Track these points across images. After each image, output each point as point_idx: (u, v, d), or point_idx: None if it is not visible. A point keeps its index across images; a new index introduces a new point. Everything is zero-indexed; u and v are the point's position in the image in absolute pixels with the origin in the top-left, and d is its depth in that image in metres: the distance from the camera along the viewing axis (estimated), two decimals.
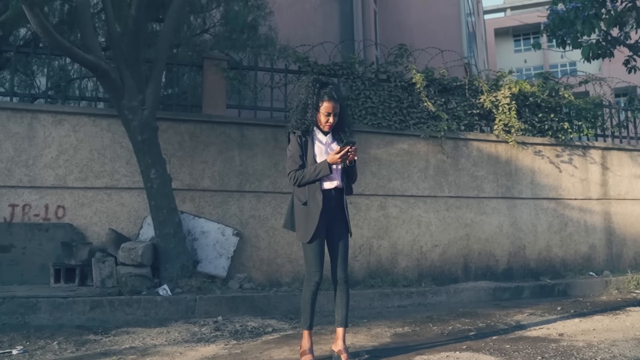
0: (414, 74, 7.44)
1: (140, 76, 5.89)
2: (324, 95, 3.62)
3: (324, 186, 3.59)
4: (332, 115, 3.61)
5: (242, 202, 6.67)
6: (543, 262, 7.94)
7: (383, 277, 7.00)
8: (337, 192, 3.64)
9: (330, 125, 3.63)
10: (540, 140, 8.14)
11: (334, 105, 3.62)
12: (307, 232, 3.56)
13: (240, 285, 6.29)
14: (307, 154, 3.61)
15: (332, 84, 3.71)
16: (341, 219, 3.68)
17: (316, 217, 3.53)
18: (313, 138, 3.66)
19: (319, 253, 3.60)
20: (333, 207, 3.62)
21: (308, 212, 3.58)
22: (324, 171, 3.50)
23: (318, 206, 3.53)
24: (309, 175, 3.53)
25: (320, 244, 3.60)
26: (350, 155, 3.47)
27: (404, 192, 7.32)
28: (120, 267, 5.68)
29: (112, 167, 6.33)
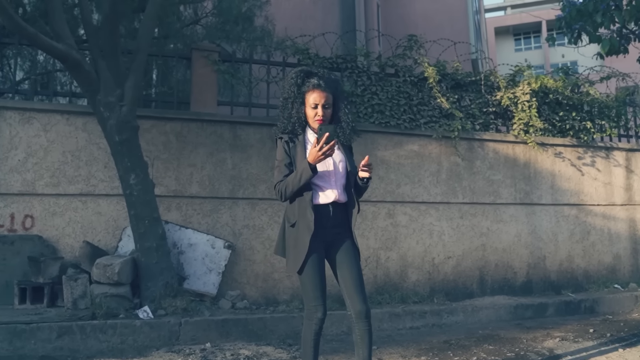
0: (425, 67, 6.74)
1: (119, 68, 5.19)
2: (308, 85, 2.97)
3: (318, 201, 2.92)
4: (320, 107, 2.94)
5: (235, 210, 5.96)
6: (564, 274, 7.26)
7: (392, 292, 6.31)
8: (337, 208, 2.95)
9: (320, 120, 2.94)
10: (561, 141, 7.46)
11: (322, 95, 2.95)
12: (295, 261, 2.90)
13: (233, 304, 5.58)
14: (297, 161, 2.94)
15: (320, 73, 3.06)
16: (347, 239, 3.01)
17: (306, 243, 2.86)
18: (304, 141, 2.99)
19: (318, 283, 2.90)
20: (333, 226, 2.94)
21: (297, 236, 2.91)
22: (305, 173, 2.82)
23: (309, 228, 2.86)
24: (291, 183, 2.86)
25: (317, 272, 2.90)
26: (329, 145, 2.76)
27: (414, 198, 6.63)
28: (95, 286, 4.97)
29: (88, 171, 5.62)
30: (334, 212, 2.94)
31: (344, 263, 2.97)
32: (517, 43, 40.31)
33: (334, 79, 3.12)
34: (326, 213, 2.92)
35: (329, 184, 2.94)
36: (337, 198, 2.93)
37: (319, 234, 2.88)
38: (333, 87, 3.01)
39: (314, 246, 2.87)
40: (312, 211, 2.86)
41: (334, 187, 2.93)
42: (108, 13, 4.92)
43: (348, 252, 2.99)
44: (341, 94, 3.10)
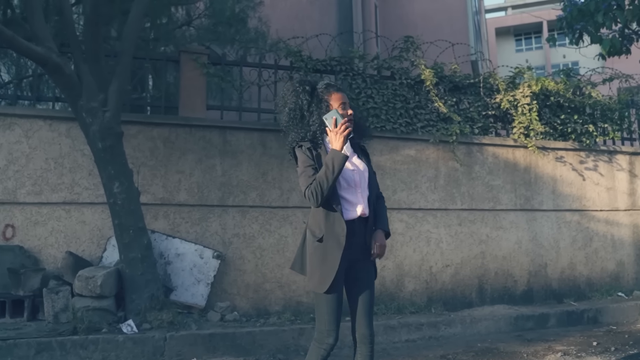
0: (422, 69, 6.53)
1: (102, 72, 4.99)
2: (328, 88, 2.81)
3: (348, 215, 2.70)
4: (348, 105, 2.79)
5: (225, 219, 5.75)
6: (566, 282, 7.04)
7: (387, 302, 6.11)
8: (361, 224, 2.74)
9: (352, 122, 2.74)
10: (563, 144, 7.24)
11: (343, 94, 2.82)
12: (324, 279, 2.64)
13: (222, 316, 5.38)
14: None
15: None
16: (366, 258, 2.79)
17: (336, 260, 2.63)
18: (326, 148, 2.77)
19: (336, 307, 2.68)
20: (357, 243, 2.72)
21: (325, 252, 2.67)
22: (337, 159, 2.59)
23: (339, 244, 2.64)
24: (325, 177, 2.60)
25: (338, 295, 2.69)
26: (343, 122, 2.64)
27: (410, 204, 6.42)
28: (77, 299, 4.78)
29: (72, 178, 5.42)
30: (359, 228, 2.73)
31: (361, 283, 2.78)
32: (518, 44, 40.06)
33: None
34: (353, 229, 2.69)
35: (354, 197, 2.73)
36: (363, 212, 2.73)
37: (345, 252, 2.66)
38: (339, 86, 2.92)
39: (341, 268, 2.66)
40: (343, 224, 2.65)
41: (359, 200, 2.73)
42: (89, 15, 4.73)
43: (367, 272, 2.80)
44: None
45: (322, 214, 2.71)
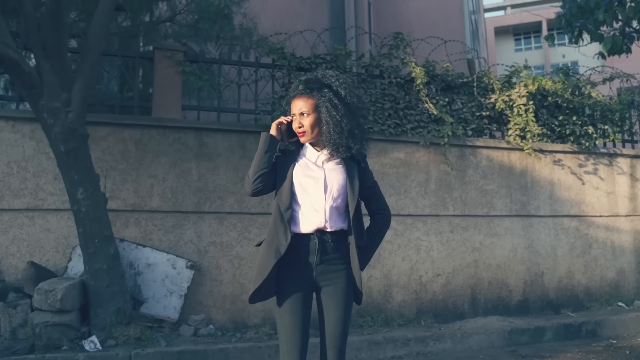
0: (412, 67, 6.19)
1: (65, 70, 4.65)
2: (293, 91, 2.50)
3: (298, 228, 2.38)
4: (297, 115, 2.45)
5: (200, 226, 5.42)
6: (564, 292, 6.70)
7: (374, 314, 5.77)
8: (326, 239, 2.39)
9: (302, 133, 2.44)
10: (561, 147, 6.90)
11: (297, 101, 2.46)
12: (253, 285, 2.38)
13: (196, 330, 5.04)
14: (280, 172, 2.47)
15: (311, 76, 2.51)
16: (343, 280, 2.43)
17: (268, 266, 2.33)
18: (297, 157, 2.50)
19: (296, 335, 2.35)
20: (322, 262, 2.39)
21: (262, 259, 2.39)
22: (261, 138, 2.43)
23: (277, 251, 2.34)
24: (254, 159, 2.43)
25: (296, 320, 2.36)
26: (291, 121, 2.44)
27: (399, 210, 6.08)
28: (35, 314, 4.44)
29: (36, 183, 5.08)
30: (321, 244, 2.38)
31: (330, 311, 2.42)
32: (517, 43, 39.72)
33: (324, 74, 2.48)
34: (308, 243, 2.38)
35: (311, 207, 2.39)
36: (323, 225, 2.38)
37: (299, 270, 2.37)
38: (317, 86, 2.43)
39: (296, 285, 2.37)
40: (288, 235, 2.35)
41: (319, 211, 2.39)
42: (50, 6, 4.38)
43: (338, 297, 2.42)
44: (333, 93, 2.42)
45: (272, 220, 2.44)
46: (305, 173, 2.45)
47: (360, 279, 2.44)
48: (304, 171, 2.45)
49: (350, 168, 2.49)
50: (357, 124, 2.49)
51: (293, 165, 2.46)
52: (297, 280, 2.38)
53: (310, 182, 2.42)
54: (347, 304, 2.44)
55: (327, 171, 2.46)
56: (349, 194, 2.44)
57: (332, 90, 2.43)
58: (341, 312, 2.43)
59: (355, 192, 2.45)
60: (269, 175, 2.42)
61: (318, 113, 2.42)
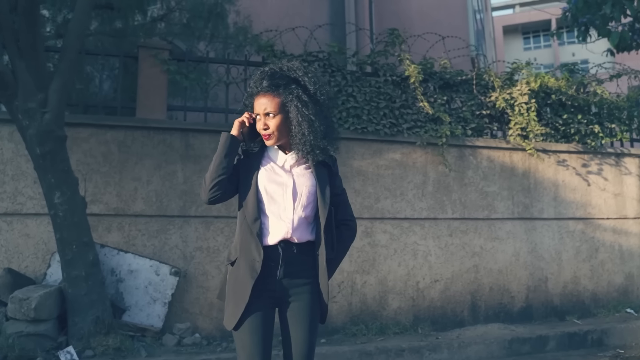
0: (406, 65, 5.95)
1: (41, 69, 4.47)
2: (255, 87, 2.23)
3: (266, 241, 2.16)
4: (262, 116, 2.19)
5: (186, 230, 5.22)
6: (569, 298, 6.43)
7: (369, 322, 5.53)
8: (291, 250, 2.18)
9: (268, 135, 2.20)
10: (565, 147, 6.62)
11: (261, 100, 2.19)
12: (232, 314, 2.14)
13: (180, 339, 4.84)
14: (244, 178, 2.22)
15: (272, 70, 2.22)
16: (307, 295, 2.21)
17: (246, 291, 2.11)
18: (261, 160, 2.26)
19: (254, 348, 2.13)
20: (287, 274, 2.18)
21: (236, 280, 2.16)
22: (222, 141, 2.19)
23: (253, 270, 2.12)
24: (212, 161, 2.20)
25: (257, 338, 2.14)
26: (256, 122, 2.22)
27: (395, 214, 5.84)
28: (9, 324, 4.26)
29: (15, 187, 4.90)
30: (285, 255, 2.16)
31: (295, 327, 2.19)
32: (526, 42, 39.26)
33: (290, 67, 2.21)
34: (274, 256, 2.15)
35: (277, 216, 2.18)
36: (289, 235, 2.16)
37: (264, 284, 2.14)
38: (283, 81, 2.17)
39: (258, 300, 2.13)
40: (260, 249, 2.13)
41: (286, 220, 2.17)
42: (23, 2, 4.20)
43: (303, 314, 2.20)
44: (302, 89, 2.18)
45: (240, 233, 2.20)
46: (272, 178, 2.22)
47: (327, 294, 2.22)
48: (270, 176, 2.22)
49: (321, 173, 2.26)
50: (328, 123, 2.26)
51: (258, 169, 2.23)
52: (258, 296, 2.15)
53: (278, 189, 2.20)
54: (312, 322, 2.22)
55: (296, 177, 2.23)
56: (320, 201, 2.21)
57: (301, 86, 2.19)
58: (306, 330, 2.20)
59: (326, 199, 2.22)
60: (229, 181, 2.19)
61: (286, 113, 2.18)
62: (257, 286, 2.12)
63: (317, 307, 2.23)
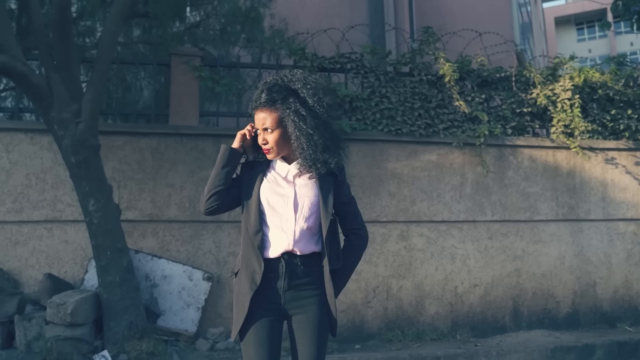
0: (441, 64, 5.79)
1: (75, 80, 4.58)
2: (256, 102, 2.22)
3: (268, 253, 2.14)
4: (260, 131, 2.18)
5: (219, 236, 5.25)
6: (620, 303, 6.09)
7: (405, 328, 5.41)
8: (295, 263, 2.14)
9: (267, 150, 2.18)
10: (614, 144, 6.28)
11: (259, 115, 2.18)
12: (235, 324, 2.14)
13: (213, 344, 4.87)
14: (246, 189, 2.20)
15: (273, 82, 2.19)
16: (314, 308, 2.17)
17: (245, 303, 2.09)
18: (265, 171, 2.24)
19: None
20: (290, 287, 2.14)
21: (239, 292, 2.16)
22: (221, 153, 2.21)
23: (252, 281, 2.10)
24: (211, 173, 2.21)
25: (261, 347, 2.10)
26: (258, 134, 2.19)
27: (432, 217, 5.69)
28: (48, 328, 4.39)
29: (54, 194, 5.06)
30: (288, 268, 2.13)
31: (303, 340, 2.15)
32: (580, 33, 37.71)
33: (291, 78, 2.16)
34: (275, 268, 2.13)
35: (279, 228, 2.15)
36: (290, 248, 2.13)
37: (266, 297, 2.12)
38: (281, 96, 2.14)
39: (262, 313, 2.11)
40: (260, 260, 2.11)
41: (287, 232, 2.14)
42: (56, 17, 4.31)
43: (310, 326, 2.15)
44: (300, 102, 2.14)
45: (243, 244, 2.20)
46: (274, 190, 2.19)
47: (334, 306, 2.16)
48: (272, 187, 2.20)
49: (325, 183, 2.21)
50: (330, 134, 2.20)
51: (260, 180, 2.21)
52: (264, 308, 2.12)
53: (279, 201, 2.17)
54: (320, 334, 2.17)
55: (298, 187, 2.20)
56: (322, 212, 2.17)
57: (299, 99, 2.15)
58: (314, 343, 2.15)
59: (328, 209, 2.17)
60: (228, 192, 2.18)
61: (284, 128, 2.15)
62: (259, 298, 2.10)
63: (325, 319, 2.18)
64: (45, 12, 4.56)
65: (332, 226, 2.18)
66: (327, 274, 2.16)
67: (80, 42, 6.38)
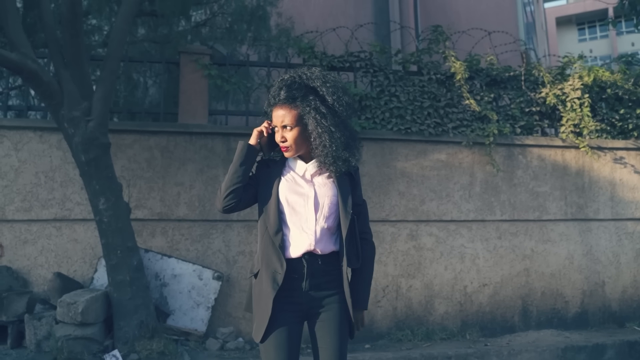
0: (452, 62, 5.77)
1: (85, 78, 4.55)
2: (274, 99, 2.19)
3: (289, 253, 2.12)
4: (279, 129, 2.16)
5: (229, 235, 5.23)
6: (629, 303, 6.08)
7: (414, 327, 5.40)
8: (316, 262, 2.13)
9: (286, 148, 2.16)
10: (623, 143, 6.27)
11: (278, 112, 2.15)
12: (258, 326, 2.11)
13: (223, 344, 4.85)
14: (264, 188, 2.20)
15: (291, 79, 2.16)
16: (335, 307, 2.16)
17: (268, 304, 2.07)
18: (282, 170, 2.23)
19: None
20: (312, 287, 2.13)
21: (260, 293, 2.14)
22: (238, 147, 2.19)
23: (274, 282, 2.08)
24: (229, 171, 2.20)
25: (281, 349, 2.09)
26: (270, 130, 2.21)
27: (441, 216, 5.68)
28: (58, 327, 4.36)
29: (63, 193, 5.03)
30: (310, 268, 2.12)
31: (325, 339, 2.15)
32: (581, 33, 37.71)
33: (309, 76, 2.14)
34: (298, 268, 2.12)
35: (299, 227, 2.14)
36: (312, 247, 2.12)
37: (288, 297, 2.10)
38: (300, 93, 2.12)
39: (284, 314, 2.10)
40: (283, 261, 2.09)
41: (308, 232, 2.13)
42: (66, 15, 4.28)
43: (332, 324, 2.15)
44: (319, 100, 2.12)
45: (262, 244, 2.18)
46: (293, 189, 2.17)
47: (350, 307, 2.15)
48: (292, 187, 2.18)
49: (343, 182, 2.21)
50: (349, 133, 2.19)
51: (279, 179, 2.19)
52: (286, 309, 2.11)
53: (299, 200, 2.16)
54: (342, 332, 2.17)
55: (317, 187, 2.19)
56: (342, 211, 2.16)
57: (319, 96, 2.13)
58: (337, 340, 2.15)
59: (348, 209, 2.17)
60: (245, 190, 2.17)
61: (304, 125, 2.14)
62: (281, 299, 2.08)
63: (345, 318, 2.17)
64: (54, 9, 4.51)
65: (351, 225, 2.17)
66: (345, 274, 2.16)
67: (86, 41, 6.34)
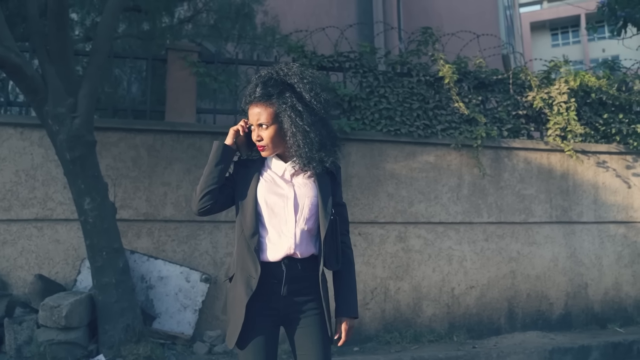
0: (441, 65, 5.77)
1: (71, 74, 4.40)
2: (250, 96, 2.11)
3: (266, 256, 2.04)
4: (255, 127, 2.09)
5: (216, 236, 5.12)
6: (611, 305, 6.17)
7: (402, 330, 5.38)
8: (295, 266, 2.06)
9: (262, 147, 2.09)
10: (606, 147, 6.36)
11: (254, 110, 2.07)
12: (231, 331, 2.04)
13: (211, 347, 4.75)
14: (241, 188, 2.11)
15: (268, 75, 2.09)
16: (315, 314, 2.10)
17: (241, 309, 1.99)
18: (261, 169, 2.13)
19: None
20: (290, 292, 2.06)
21: (234, 298, 2.06)
22: (214, 150, 2.12)
23: (248, 287, 2.00)
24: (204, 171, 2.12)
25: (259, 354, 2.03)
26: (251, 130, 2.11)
27: (429, 218, 5.67)
28: (41, 331, 4.21)
29: (45, 192, 4.87)
30: (289, 273, 2.05)
31: (307, 345, 2.08)
32: (554, 38, 38.42)
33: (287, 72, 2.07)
34: (277, 273, 2.04)
35: (278, 230, 2.06)
36: (292, 251, 2.04)
37: (266, 302, 2.03)
38: (277, 90, 2.05)
39: (260, 319, 2.03)
40: (257, 265, 2.00)
41: (288, 235, 2.05)
42: (52, 6, 4.13)
43: (313, 330, 2.09)
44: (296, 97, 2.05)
45: (238, 247, 2.09)
46: (272, 190, 2.09)
47: (329, 314, 2.09)
48: (270, 187, 2.10)
49: (323, 182, 2.13)
50: (327, 132, 2.12)
51: (257, 180, 2.10)
52: (262, 314, 2.04)
53: (278, 202, 2.08)
54: (325, 336, 2.10)
55: (297, 187, 2.11)
56: (321, 212, 2.08)
57: (295, 93, 2.05)
58: (320, 346, 2.08)
59: (328, 210, 2.10)
60: (221, 191, 2.08)
61: (279, 123, 2.06)
62: (258, 304, 2.01)
63: (326, 324, 2.10)
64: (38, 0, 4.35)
65: (332, 227, 2.09)
66: (324, 278, 2.11)
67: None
